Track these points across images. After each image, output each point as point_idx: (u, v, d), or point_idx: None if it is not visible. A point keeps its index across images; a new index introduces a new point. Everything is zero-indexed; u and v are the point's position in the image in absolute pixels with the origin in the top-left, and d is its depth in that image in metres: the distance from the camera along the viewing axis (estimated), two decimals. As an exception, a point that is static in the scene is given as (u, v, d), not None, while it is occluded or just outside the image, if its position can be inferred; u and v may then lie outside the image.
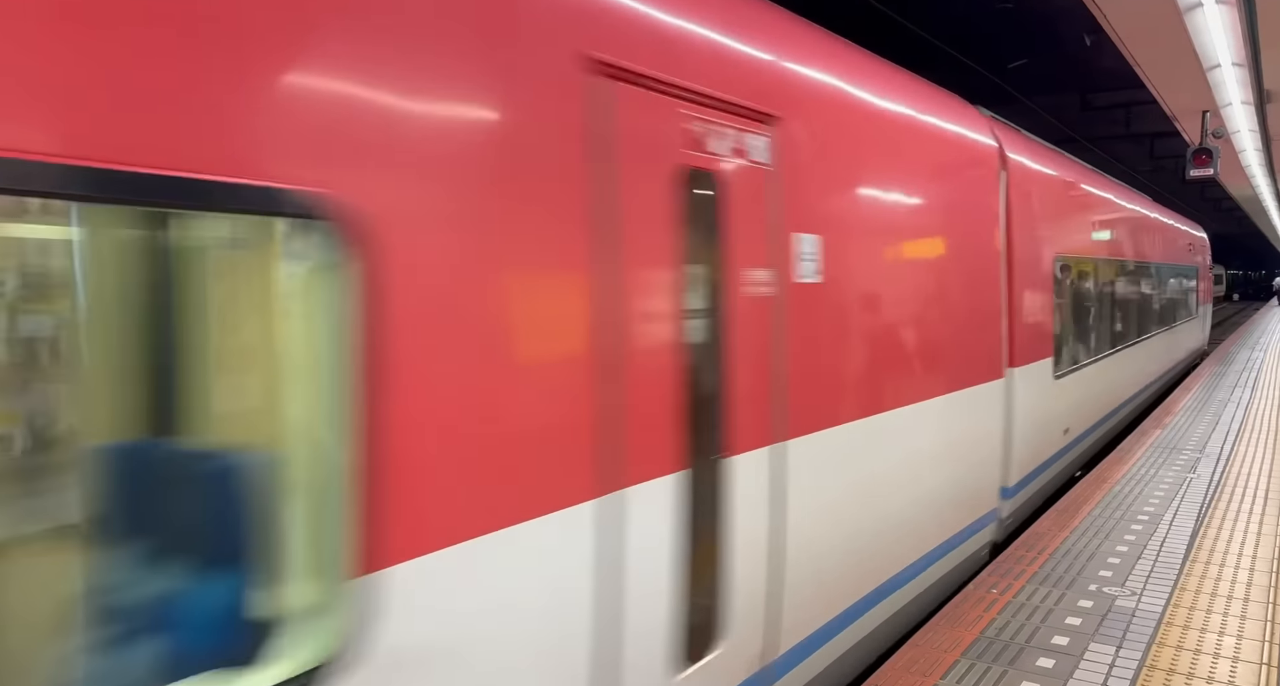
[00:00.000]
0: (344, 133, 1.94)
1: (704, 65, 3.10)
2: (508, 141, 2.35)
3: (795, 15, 4.15)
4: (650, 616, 2.83)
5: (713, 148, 3.10)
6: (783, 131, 3.54)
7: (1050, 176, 7.90)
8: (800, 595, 3.72)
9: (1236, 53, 9.65)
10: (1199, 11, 8.27)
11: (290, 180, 1.83)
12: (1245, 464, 8.33)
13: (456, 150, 2.21)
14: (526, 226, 2.39)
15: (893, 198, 4.70)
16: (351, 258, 1.94)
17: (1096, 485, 7.62)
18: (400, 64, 2.07)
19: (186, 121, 1.68)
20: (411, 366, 2.07)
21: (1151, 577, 5.31)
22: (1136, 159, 25.18)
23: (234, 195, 1.75)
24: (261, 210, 1.84)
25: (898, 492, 4.68)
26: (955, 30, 12.29)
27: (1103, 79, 15.56)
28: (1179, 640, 4.43)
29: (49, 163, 1.50)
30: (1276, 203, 29.60)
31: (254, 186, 1.77)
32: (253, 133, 1.79)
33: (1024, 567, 5.51)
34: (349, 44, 1.98)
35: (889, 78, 4.91)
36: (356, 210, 1.94)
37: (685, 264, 2.96)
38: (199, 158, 1.69)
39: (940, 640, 4.46)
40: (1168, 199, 40.59)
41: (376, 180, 2.00)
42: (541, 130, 2.45)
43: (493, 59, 2.32)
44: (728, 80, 3.21)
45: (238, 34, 1.77)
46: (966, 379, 5.59)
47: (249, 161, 1.77)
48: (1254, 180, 22.20)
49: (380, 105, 2.02)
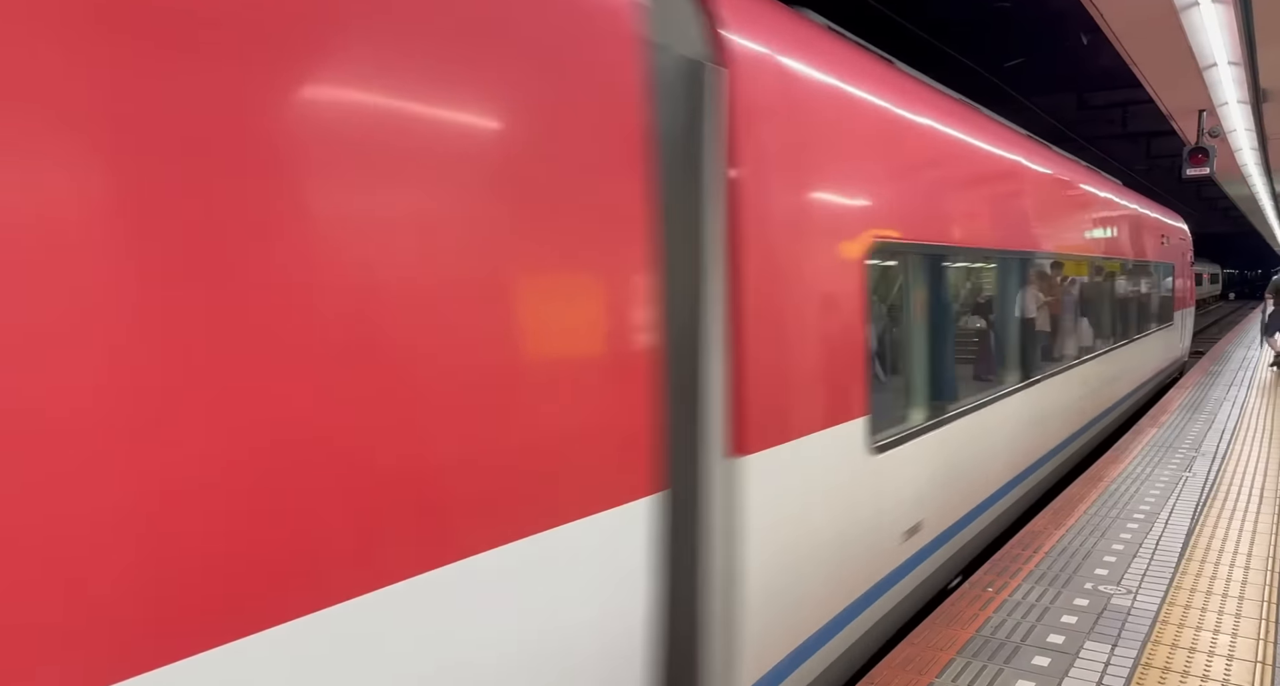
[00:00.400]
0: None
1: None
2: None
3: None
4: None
5: None
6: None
7: (863, 103, 4.42)
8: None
9: (1233, 51, 9.66)
10: (1195, 10, 8.27)
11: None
12: (1241, 462, 8.34)
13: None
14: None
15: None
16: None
17: (1092, 484, 7.63)
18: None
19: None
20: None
21: (1147, 576, 5.31)
22: (1133, 158, 25.22)
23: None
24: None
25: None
26: (952, 29, 12.30)
27: (1099, 78, 15.59)
28: (1174, 638, 4.43)
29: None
30: (1272, 202, 29.64)
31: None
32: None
33: (1020, 566, 5.51)
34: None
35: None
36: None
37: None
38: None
39: (936, 638, 4.46)
40: (1164, 198, 40.70)
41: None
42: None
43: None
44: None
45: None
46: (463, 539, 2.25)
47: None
48: (1250, 179, 22.22)
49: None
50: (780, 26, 3.76)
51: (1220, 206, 41.85)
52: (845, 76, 4.22)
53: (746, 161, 3.31)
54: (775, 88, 3.56)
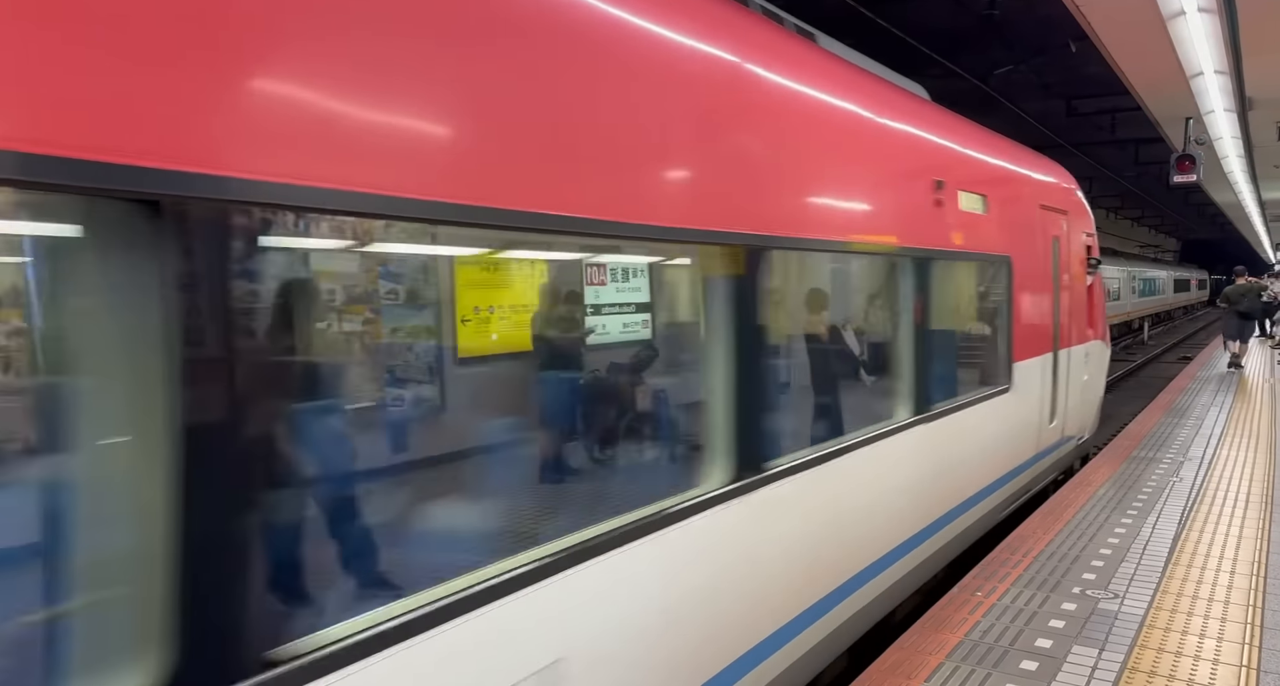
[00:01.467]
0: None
1: None
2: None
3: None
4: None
5: None
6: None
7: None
8: None
9: (1218, 60, 9.75)
10: (1181, 19, 8.35)
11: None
12: (1227, 468, 8.40)
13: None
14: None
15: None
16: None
17: (1082, 488, 7.68)
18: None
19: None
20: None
21: (1134, 580, 5.34)
22: (1122, 164, 25.39)
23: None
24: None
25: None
26: (941, 36, 12.37)
27: (1087, 85, 15.70)
28: (1160, 643, 4.46)
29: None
30: (1259, 209, 29.89)
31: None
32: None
33: (1009, 571, 5.54)
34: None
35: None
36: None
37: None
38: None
39: (925, 643, 4.48)
40: (1152, 204, 41.01)
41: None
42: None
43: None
44: None
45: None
46: None
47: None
48: (1236, 186, 22.42)
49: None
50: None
51: (1208, 213, 42.18)
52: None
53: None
54: None
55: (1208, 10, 8.09)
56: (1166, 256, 60.13)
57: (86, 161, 1.64)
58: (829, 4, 9.82)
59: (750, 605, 3.79)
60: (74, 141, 1.63)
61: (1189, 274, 57.35)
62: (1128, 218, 46.19)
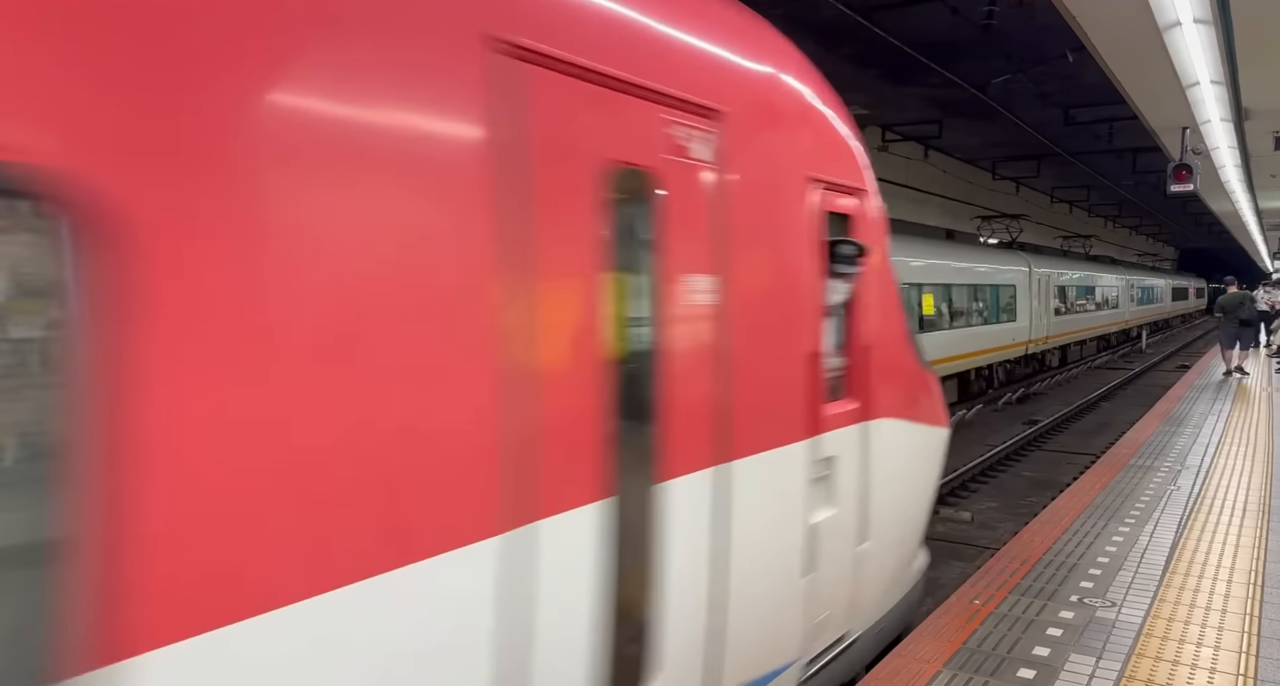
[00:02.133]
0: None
1: None
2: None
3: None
4: None
5: None
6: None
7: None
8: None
9: (1215, 71, 9.81)
10: (1178, 30, 8.41)
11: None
12: (1224, 476, 8.42)
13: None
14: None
15: None
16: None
17: (1079, 496, 7.69)
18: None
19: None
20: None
21: (1131, 589, 5.36)
22: (1119, 173, 25.49)
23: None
24: None
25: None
26: (940, 46, 12.44)
27: (1085, 95, 15.77)
28: (1157, 651, 4.47)
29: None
30: (1256, 218, 29.97)
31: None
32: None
33: (1006, 579, 5.55)
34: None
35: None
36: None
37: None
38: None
39: (923, 651, 4.49)
40: (1150, 213, 41.08)
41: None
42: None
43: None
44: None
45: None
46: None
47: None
48: (1233, 195, 22.49)
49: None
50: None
51: (1205, 222, 42.27)
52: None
53: None
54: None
55: (1203, 21, 8.15)
56: (1165, 265, 60.25)
57: None
58: (827, 13, 9.89)
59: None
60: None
61: (1187, 282, 57.51)
62: (1125, 226, 46.30)
